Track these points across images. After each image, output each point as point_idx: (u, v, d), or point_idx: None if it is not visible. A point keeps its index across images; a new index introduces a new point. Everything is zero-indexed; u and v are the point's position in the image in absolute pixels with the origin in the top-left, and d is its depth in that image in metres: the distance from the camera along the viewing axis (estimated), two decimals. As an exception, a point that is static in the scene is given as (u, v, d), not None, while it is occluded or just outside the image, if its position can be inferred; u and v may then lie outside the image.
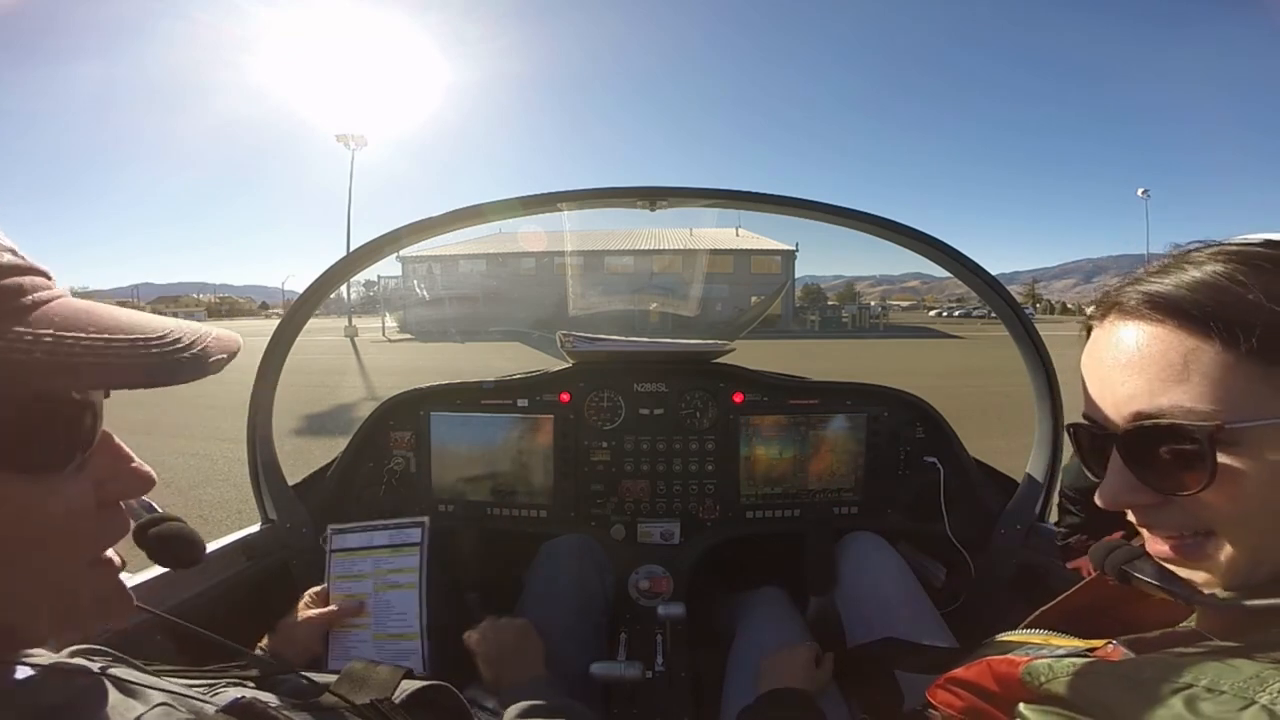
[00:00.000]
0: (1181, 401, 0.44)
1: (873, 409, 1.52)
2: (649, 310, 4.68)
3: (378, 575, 1.14)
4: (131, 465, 0.45)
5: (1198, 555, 0.47)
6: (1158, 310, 0.47)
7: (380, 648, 1.09)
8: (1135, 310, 0.48)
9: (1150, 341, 0.47)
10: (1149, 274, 0.50)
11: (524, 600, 1.25)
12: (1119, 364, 0.49)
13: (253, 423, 1.28)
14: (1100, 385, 0.51)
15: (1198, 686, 0.40)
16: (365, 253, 1.27)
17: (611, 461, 1.53)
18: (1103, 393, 0.50)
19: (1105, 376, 0.50)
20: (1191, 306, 0.45)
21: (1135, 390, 0.47)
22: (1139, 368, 0.47)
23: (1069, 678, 0.49)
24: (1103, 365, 0.50)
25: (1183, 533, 0.47)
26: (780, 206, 1.25)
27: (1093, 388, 0.52)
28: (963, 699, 0.59)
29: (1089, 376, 0.53)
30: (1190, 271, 0.47)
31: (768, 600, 1.35)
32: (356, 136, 32.20)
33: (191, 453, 5.46)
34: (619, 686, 1.14)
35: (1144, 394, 0.46)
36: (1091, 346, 0.53)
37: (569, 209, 1.27)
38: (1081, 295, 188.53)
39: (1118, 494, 0.50)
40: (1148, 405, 0.46)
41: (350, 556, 1.15)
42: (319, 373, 11.21)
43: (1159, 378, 0.45)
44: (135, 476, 0.45)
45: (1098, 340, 0.52)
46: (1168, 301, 0.46)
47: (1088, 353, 0.53)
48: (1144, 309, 0.47)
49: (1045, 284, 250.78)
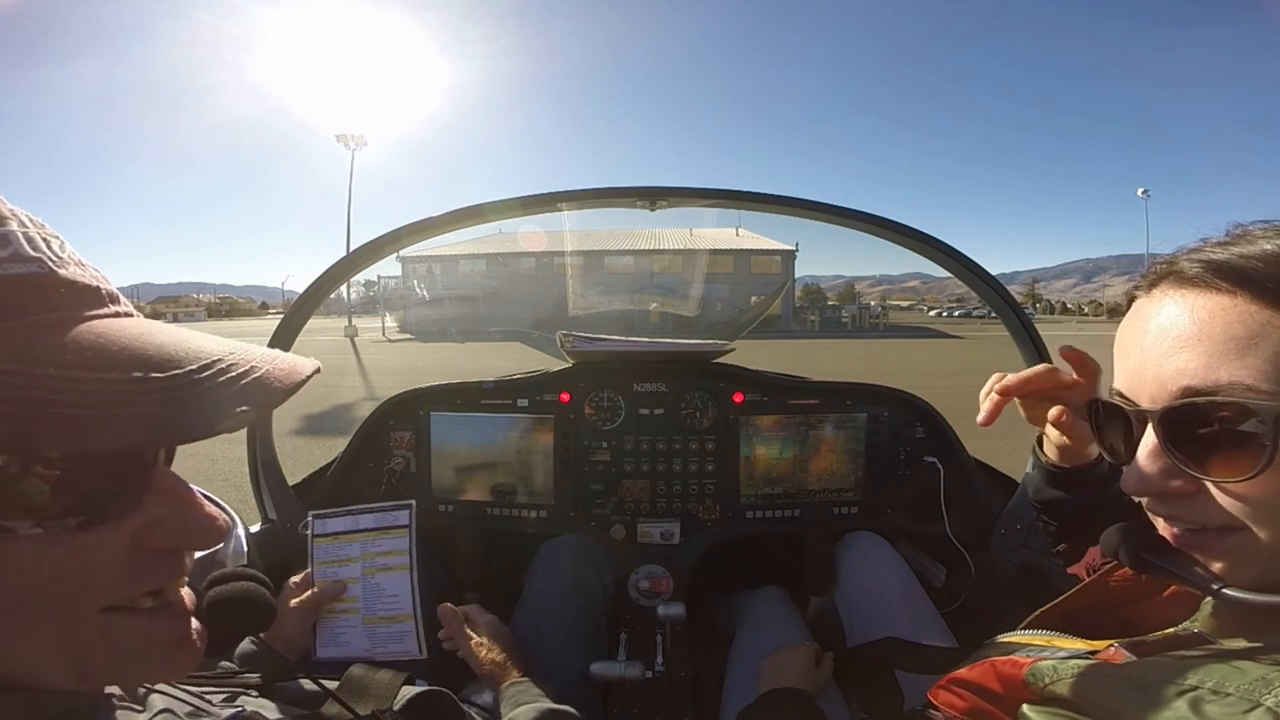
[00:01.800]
0: (1243, 378, 0.40)
1: (873, 409, 1.52)
2: (649, 310, 4.68)
3: (366, 559, 1.11)
4: (193, 515, 0.38)
5: (1217, 550, 0.44)
6: (1225, 279, 0.42)
7: (371, 632, 1.07)
8: (1197, 279, 0.43)
9: (1213, 313, 0.42)
10: (1206, 246, 0.46)
11: (524, 600, 1.24)
12: (1170, 336, 0.44)
13: (252, 423, 1.28)
14: (1142, 358, 0.46)
15: (1203, 689, 0.39)
16: (365, 253, 1.27)
17: (611, 461, 1.53)
18: (1143, 366, 0.46)
19: (1150, 349, 0.45)
20: (1266, 279, 0.41)
21: (1188, 364, 0.42)
22: (1195, 340, 0.42)
23: (1073, 680, 0.48)
24: (1147, 336, 0.45)
25: (1206, 524, 0.44)
26: (780, 206, 1.25)
27: (1130, 361, 0.47)
28: (965, 699, 0.59)
29: (1127, 350, 0.48)
30: (1261, 244, 0.42)
31: (768, 600, 1.35)
32: (356, 136, 32.24)
33: (191, 452, 5.43)
34: (619, 686, 1.14)
35: (1199, 369, 0.41)
36: (1134, 318, 0.48)
37: (569, 209, 1.27)
38: (1081, 295, 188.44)
39: (1150, 478, 0.45)
40: (1201, 380, 0.41)
41: (335, 541, 1.12)
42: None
43: (1219, 352, 0.41)
44: (194, 530, 0.38)
45: (1142, 312, 0.47)
46: (1237, 271, 0.42)
47: (1128, 325, 0.49)
48: (1209, 277, 0.43)
49: (1045, 284, 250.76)
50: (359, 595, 1.09)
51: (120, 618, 0.36)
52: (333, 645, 1.06)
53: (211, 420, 0.34)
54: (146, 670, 0.39)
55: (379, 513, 1.13)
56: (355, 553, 1.11)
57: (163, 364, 0.34)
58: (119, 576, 0.35)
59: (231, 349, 0.37)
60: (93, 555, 0.34)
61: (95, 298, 0.35)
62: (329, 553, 1.12)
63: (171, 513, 0.37)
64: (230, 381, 0.35)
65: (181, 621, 0.39)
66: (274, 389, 0.37)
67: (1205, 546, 0.45)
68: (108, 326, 0.34)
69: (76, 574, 0.33)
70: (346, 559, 1.11)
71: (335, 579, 1.09)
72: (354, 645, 1.06)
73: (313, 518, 1.15)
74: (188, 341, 0.36)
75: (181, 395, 0.33)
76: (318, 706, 0.65)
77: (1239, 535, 0.42)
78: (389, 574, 1.10)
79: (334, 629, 1.07)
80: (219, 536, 0.39)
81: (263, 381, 0.37)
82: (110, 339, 0.34)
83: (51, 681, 0.35)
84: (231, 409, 0.34)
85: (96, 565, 0.34)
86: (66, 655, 0.34)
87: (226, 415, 0.34)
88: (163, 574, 0.38)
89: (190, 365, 0.34)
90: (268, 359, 0.38)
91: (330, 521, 1.14)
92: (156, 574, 0.37)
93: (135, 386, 0.32)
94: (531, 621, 1.18)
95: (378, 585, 1.09)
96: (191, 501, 0.38)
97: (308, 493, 1.44)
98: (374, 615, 1.08)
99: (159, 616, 0.38)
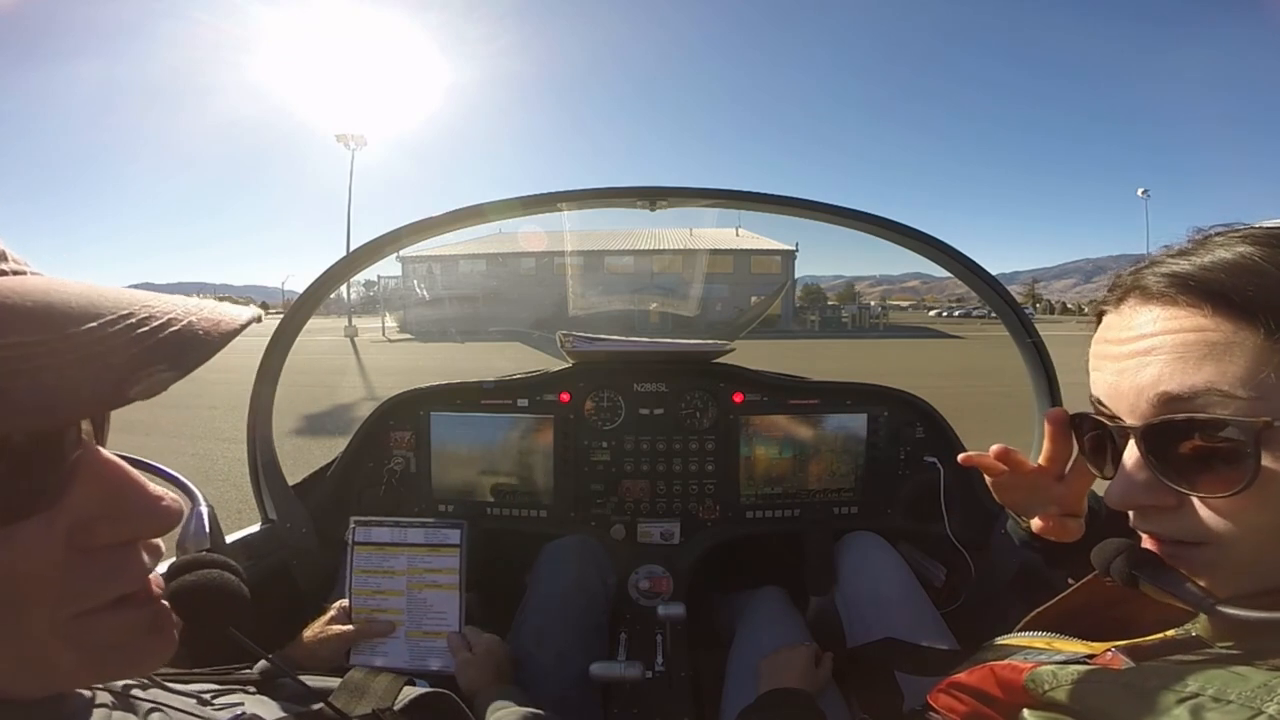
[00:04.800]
0: (1218, 384, 0.39)
1: (872, 409, 1.52)
2: (649, 310, 4.68)
3: (413, 573, 1.12)
4: (134, 500, 0.33)
5: (1194, 563, 0.44)
6: (1188, 294, 0.41)
7: (414, 645, 1.08)
8: (1161, 294, 0.43)
9: (1182, 325, 0.41)
10: (1168, 256, 0.45)
11: (527, 601, 1.24)
12: (1141, 349, 0.43)
13: (253, 423, 1.28)
14: (1117, 372, 0.45)
15: (1204, 696, 0.39)
16: (365, 253, 1.27)
17: (611, 461, 1.53)
18: (1119, 381, 0.45)
19: (1123, 363, 0.45)
20: (1229, 290, 0.40)
21: (1162, 371, 0.42)
22: (1167, 349, 0.42)
23: (1073, 685, 0.48)
24: (1120, 350, 0.45)
25: (1187, 538, 0.44)
26: (780, 206, 1.25)
27: (1106, 375, 0.47)
28: (965, 704, 0.58)
29: (1102, 364, 0.48)
30: (1218, 252, 0.42)
31: (768, 600, 1.35)
32: (356, 136, 32.24)
33: (191, 452, 5.46)
34: (619, 686, 1.14)
35: (1173, 373, 0.41)
36: (1105, 333, 0.48)
37: (569, 209, 1.27)
38: (1081, 295, 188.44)
39: (1133, 493, 0.45)
40: (1179, 386, 0.41)
41: (381, 551, 1.14)
42: (319, 372, 11.21)
43: (1194, 357, 0.40)
44: (138, 518, 0.33)
45: (1112, 326, 0.47)
46: (1202, 285, 0.41)
47: (1101, 339, 0.49)
48: (1171, 292, 0.42)
49: (1045, 284, 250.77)
50: (403, 608, 1.11)
51: (83, 617, 0.32)
52: (370, 654, 1.07)
53: (121, 385, 0.27)
54: (121, 665, 0.36)
55: (428, 528, 1.15)
56: (401, 566, 1.13)
57: (59, 321, 0.28)
58: (67, 582, 0.31)
59: (147, 300, 0.31)
60: (24, 560, 0.29)
61: None
62: (371, 562, 1.13)
63: (107, 503, 0.32)
64: (144, 337, 0.29)
65: (150, 608, 0.35)
66: (200, 342, 0.31)
67: (1183, 560, 0.44)
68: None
69: (10, 581, 0.29)
70: (391, 571, 1.13)
71: (377, 589, 1.11)
72: (394, 656, 1.08)
73: (355, 524, 1.16)
74: (89, 294, 0.30)
75: (79, 359, 0.27)
76: (315, 707, 0.64)
77: (1214, 549, 0.42)
78: (437, 591, 1.11)
79: (373, 639, 1.08)
80: (170, 520, 0.34)
81: (184, 335, 0.30)
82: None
83: (15, 691, 0.32)
84: (145, 369, 0.28)
85: (32, 571, 0.29)
86: (26, 664, 0.31)
87: (140, 378, 0.28)
88: (122, 577, 0.33)
89: (89, 323, 0.28)
90: (191, 309, 0.32)
91: (374, 531, 1.15)
92: (115, 577, 0.33)
93: (20, 353, 0.26)
94: (534, 622, 1.18)
95: (424, 600, 1.11)
96: (130, 484, 0.33)
97: (308, 493, 1.44)
98: (419, 629, 1.10)
99: (124, 606, 0.34)
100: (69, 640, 0.31)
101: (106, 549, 0.32)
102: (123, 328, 0.29)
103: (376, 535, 1.15)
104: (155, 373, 0.28)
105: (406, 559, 1.13)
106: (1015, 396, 1.54)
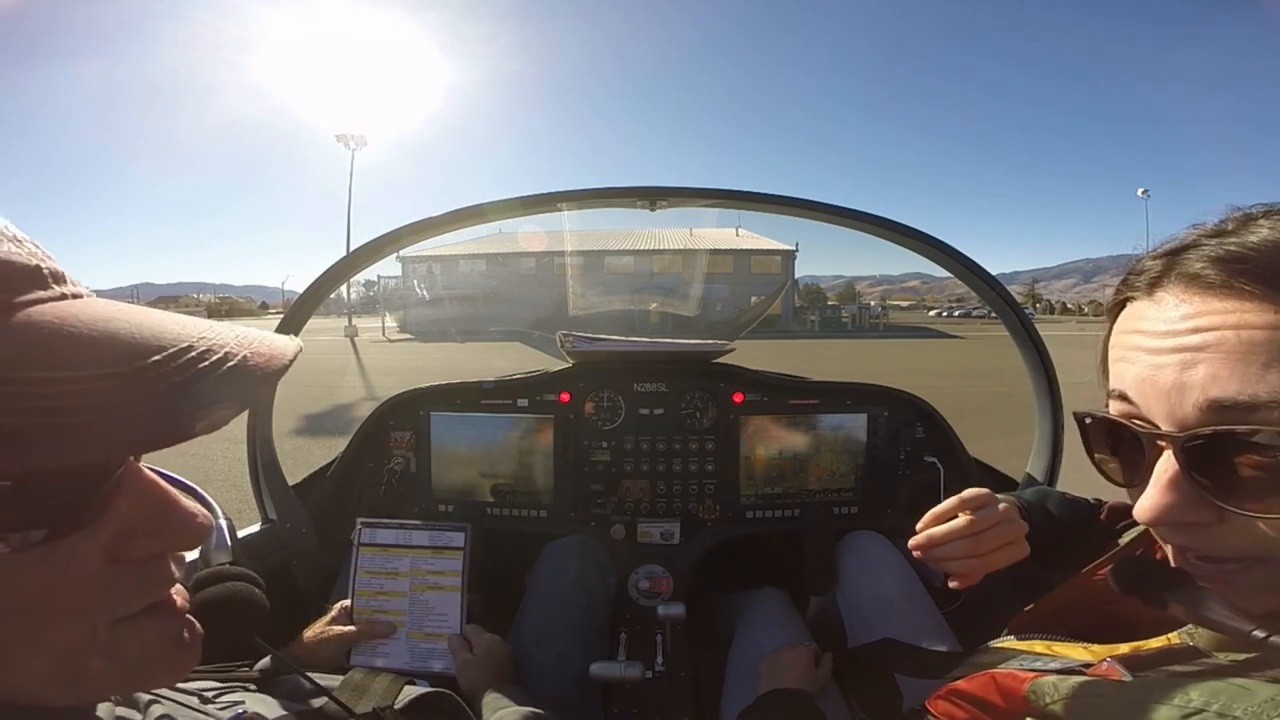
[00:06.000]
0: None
1: (872, 409, 1.52)
2: (649, 310, 4.68)
3: (416, 575, 1.13)
4: (171, 516, 0.34)
5: (1239, 583, 0.40)
6: (1242, 278, 0.36)
7: (415, 646, 1.09)
8: (1209, 279, 0.37)
9: (1236, 317, 0.36)
10: (1204, 237, 0.40)
11: (527, 602, 1.24)
12: (1190, 344, 0.37)
13: (253, 423, 1.28)
14: (1154, 366, 0.39)
15: (1209, 711, 0.37)
16: (365, 253, 1.27)
17: (611, 461, 1.53)
18: (1158, 375, 0.39)
19: (1164, 357, 0.39)
20: None
21: (1216, 373, 0.36)
22: (1225, 349, 0.36)
23: (1075, 699, 0.46)
24: (1160, 343, 0.39)
25: (1226, 556, 0.39)
26: (780, 206, 1.25)
27: (1137, 368, 0.41)
28: (965, 711, 0.58)
29: (1134, 355, 0.41)
30: (1264, 231, 0.37)
31: (768, 600, 1.35)
32: (356, 136, 32.27)
33: (191, 452, 5.46)
34: (619, 686, 1.14)
35: (1228, 378, 0.35)
36: (1135, 322, 0.42)
37: (569, 209, 1.27)
38: (1081, 295, 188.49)
39: (1173, 511, 0.39)
40: (1236, 394, 0.35)
41: (385, 553, 1.14)
42: (319, 372, 11.21)
43: (1256, 362, 0.35)
44: (174, 532, 0.34)
45: (1145, 315, 0.41)
46: (1257, 268, 0.35)
47: (1130, 329, 0.43)
48: (1224, 277, 0.37)
49: (1045, 284, 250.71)
50: (405, 609, 1.11)
51: (116, 626, 0.33)
52: (370, 655, 1.07)
53: (185, 422, 0.28)
54: (145, 677, 0.37)
55: (432, 531, 1.16)
56: (405, 567, 1.13)
57: (124, 355, 0.28)
58: (104, 592, 0.32)
59: (203, 331, 0.31)
60: (65, 571, 0.30)
61: (35, 279, 0.30)
62: (375, 563, 1.14)
63: (147, 517, 0.33)
64: (205, 373, 0.29)
65: (176, 622, 0.36)
66: (256, 380, 0.31)
67: (1226, 580, 0.41)
68: (54, 313, 0.29)
69: (51, 591, 0.30)
70: (394, 572, 1.13)
71: (380, 590, 1.12)
72: (394, 657, 1.08)
73: (362, 525, 1.16)
74: (149, 324, 0.30)
75: (145, 394, 0.28)
76: (318, 705, 0.64)
77: (1267, 568, 0.39)
78: (440, 593, 1.12)
79: (375, 639, 1.09)
80: (202, 535, 0.35)
81: (241, 371, 0.31)
82: (59, 328, 0.28)
83: (47, 699, 0.32)
84: (208, 408, 0.29)
85: (73, 582, 0.30)
86: (59, 673, 0.31)
87: (203, 415, 0.28)
88: (153, 586, 0.34)
89: (153, 355, 0.29)
90: (244, 341, 0.33)
91: (380, 532, 1.16)
92: (147, 587, 0.34)
93: (88, 387, 0.27)
94: (535, 622, 1.18)
95: (426, 602, 1.11)
96: (168, 501, 0.34)
97: (308, 493, 1.44)
98: (420, 631, 1.10)
99: (152, 619, 0.35)
100: (101, 649, 0.32)
101: (140, 560, 0.33)
102: (184, 362, 0.29)
103: (382, 537, 1.15)
104: (217, 410, 0.29)
105: (410, 561, 1.13)
106: (1015, 396, 1.54)
